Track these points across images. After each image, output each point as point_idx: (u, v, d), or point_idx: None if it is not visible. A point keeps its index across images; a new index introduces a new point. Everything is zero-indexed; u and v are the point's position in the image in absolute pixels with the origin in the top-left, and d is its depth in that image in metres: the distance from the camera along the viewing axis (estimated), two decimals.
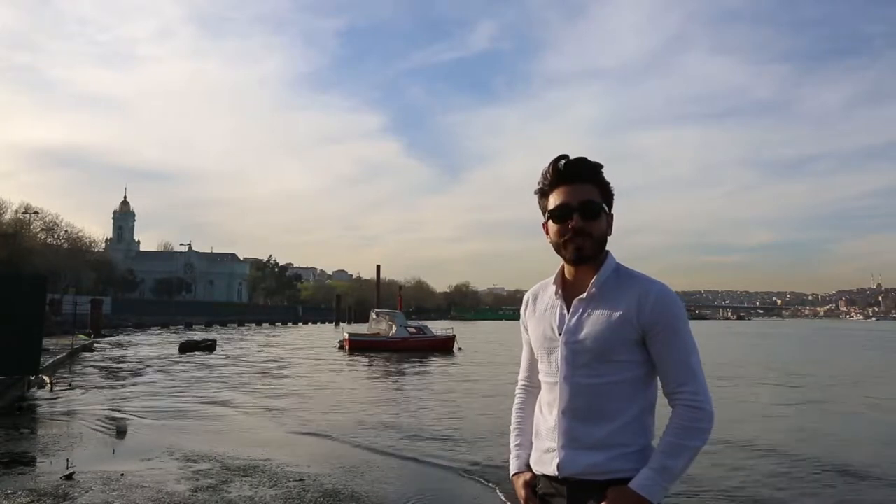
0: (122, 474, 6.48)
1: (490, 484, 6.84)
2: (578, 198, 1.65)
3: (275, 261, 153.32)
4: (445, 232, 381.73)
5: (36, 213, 56.21)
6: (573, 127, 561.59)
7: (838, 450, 9.01)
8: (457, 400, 13.97)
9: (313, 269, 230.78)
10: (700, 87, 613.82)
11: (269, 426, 10.41)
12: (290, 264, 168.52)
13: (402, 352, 30.12)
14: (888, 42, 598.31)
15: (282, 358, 27.19)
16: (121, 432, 9.10)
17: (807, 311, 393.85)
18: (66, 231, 63.99)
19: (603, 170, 1.69)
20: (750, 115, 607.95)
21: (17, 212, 53.29)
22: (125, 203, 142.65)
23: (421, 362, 25.11)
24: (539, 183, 1.72)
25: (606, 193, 1.69)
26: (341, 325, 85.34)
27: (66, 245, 62.77)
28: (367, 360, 26.43)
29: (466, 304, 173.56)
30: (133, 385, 15.73)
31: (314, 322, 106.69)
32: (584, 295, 1.67)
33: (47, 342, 18.43)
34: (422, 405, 13.15)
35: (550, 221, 1.69)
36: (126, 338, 41.56)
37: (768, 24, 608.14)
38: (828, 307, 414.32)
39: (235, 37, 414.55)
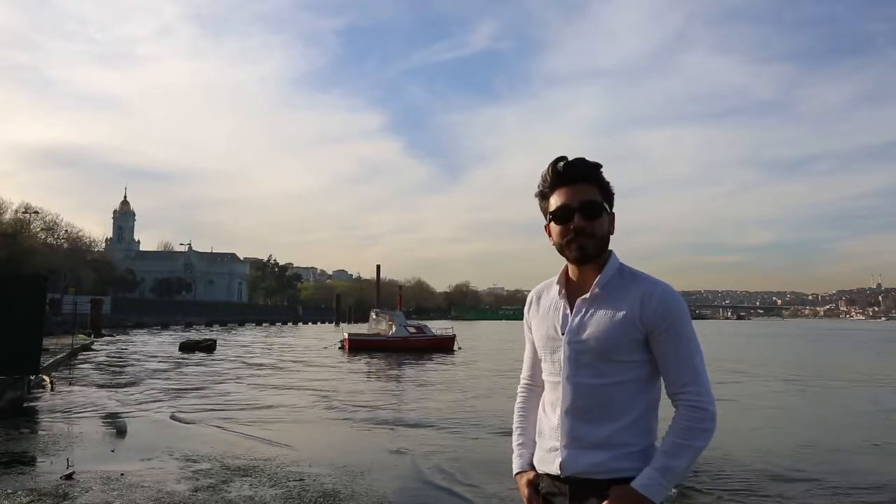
0: (122, 474, 6.48)
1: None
2: (579, 198, 1.65)
3: (275, 261, 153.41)
4: (445, 232, 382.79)
5: (36, 213, 56.21)
6: (573, 127, 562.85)
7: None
8: (457, 399, 13.97)
9: (313, 269, 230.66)
10: (701, 86, 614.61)
11: (268, 426, 10.40)
12: (290, 264, 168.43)
13: (402, 351, 30.12)
14: (890, 41, 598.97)
15: (281, 358, 27.18)
16: (121, 432, 9.09)
17: (807, 311, 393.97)
18: (66, 231, 64.02)
19: (602, 169, 1.69)
20: (750, 115, 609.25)
21: (17, 212, 53.30)
22: (125, 203, 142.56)
23: (421, 362, 25.11)
24: (539, 186, 1.72)
25: (607, 193, 1.70)
26: (341, 324, 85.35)
27: (66, 245, 62.73)
28: (366, 359, 26.43)
29: (466, 304, 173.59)
30: (133, 385, 15.72)
31: (314, 322, 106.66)
32: (587, 295, 1.67)
33: (47, 342, 18.43)
34: (421, 404, 13.16)
35: (552, 223, 1.70)
36: (126, 337, 41.55)
37: (769, 24, 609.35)
38: (828, 307, 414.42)
39: (235, 36, 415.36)
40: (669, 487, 1.55)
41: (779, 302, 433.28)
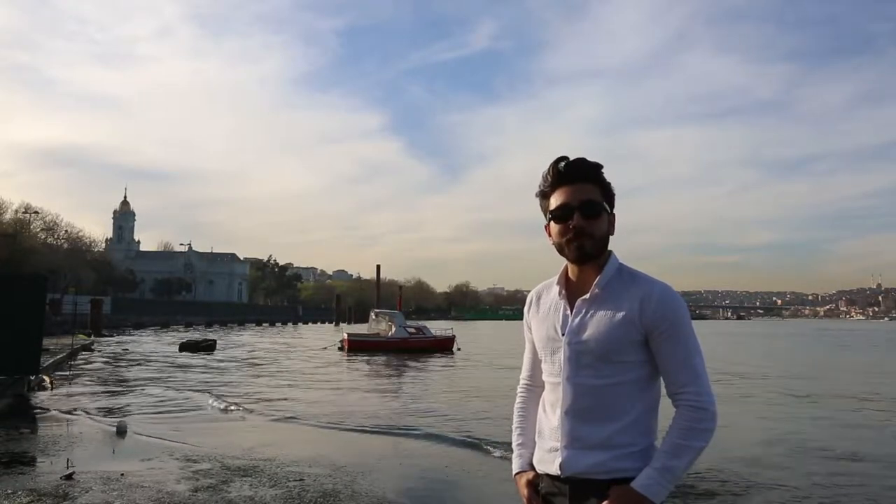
0: (122, 474, 6.48)
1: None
2: (579, 197, 1.65)
3: (275, 261, 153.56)
4: (445, 232, 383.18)
5: (36, 213, 56.22)
6: (574, 127, 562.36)
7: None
8: (456, 400, 13.97)
9: (313, 269, 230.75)
10: (701, 86, 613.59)
11: (269, 426, 10.40)
12: (290, 264, 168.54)
13: (401, 352, 30.08)
14: (891, 41, 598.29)
15: (281, 358, 27.19)
16: (121, 432, 9.08)
17: (807, 311, 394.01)
18: (66, 231, 64.02)
19: (603, 170, 1.70)
20: (751, 115, 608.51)
21: (17, 212, 53.31)
22: (125, 203, 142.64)
23: (420, 362, 25.10)
24: (540, 185, 1.73)
25: (607, 193, 1.70)
26: (341, 325, 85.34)
27: (66, 245, 62.73)
28: (366, 360, 26.42)
29: (466, 304, 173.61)
30: (133, 385, 15.73)
31: (314, 322, 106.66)
32: (587, 295, 1.68)
33: (47, 342, 18.41)
34: (421, 405, 13.15)
35: (552, 222, 1.70)
36: (126, 337, 41.55)
37: (770, 23, 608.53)
38: (828, 307, 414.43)
39: (235, 36, 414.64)
40: (669, 487, 1.55)
41: (779, 302, 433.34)
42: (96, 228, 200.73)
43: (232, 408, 11.87)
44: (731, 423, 10.13)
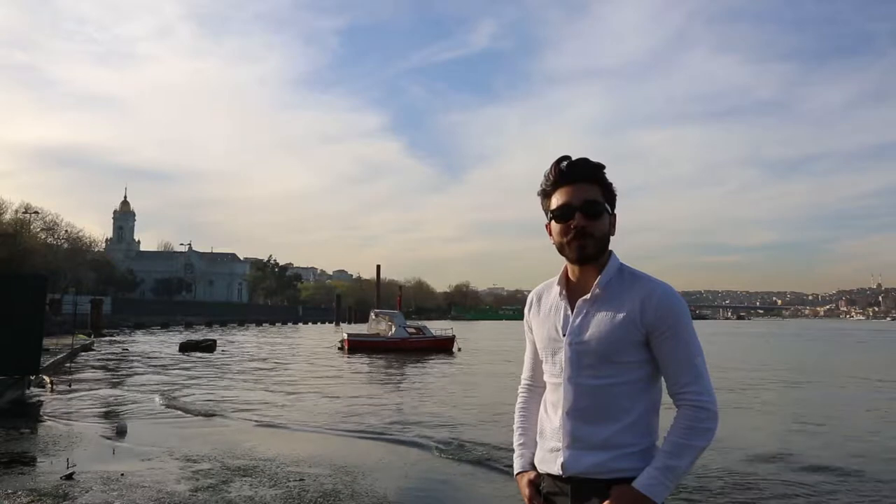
0: (122, 474, 6.48)
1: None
2: (580, 197, 1.65)
3: (275, 261, 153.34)
4: (445, 232, 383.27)
5: (36, 213, 56.19)
6: (574, 126, 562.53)
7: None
8: (455, 401, 13.97)
9: (313, 269, 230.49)
10: (701, 86, 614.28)
11: (268, 426, 10.40)
12: (290, 264, 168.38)
13: (401, 352, 30.09)
14: (891, 41, 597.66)
15: (281, 358, 27.19)
16: (121, 432, 9.09)
17: (807, 311, 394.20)
18: (66, 231, 64.03)
19: (605, 170, 1.70)
20: (751, 115, 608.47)
21: (17, 212, 53.29)
22: (125, 203, 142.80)
23: (420, 363, 25.11)
24: (541, 184, 1.73)
25: (609, 194, 1.70)
26: (341, 325, 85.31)
27: (66, 245, 62.75)
28: (366, 360, 26.43)
29: (466, 304, 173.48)
30: (133, 385, 15.73)
31: (314, 322, 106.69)
32: (588, 296, 1.68)
33: (47, 342, 18.42)
34: (420, 406, 13.15)
35: (553, 222, 1.70)
36: (126, 338, 41.56)
37: (771, 23, 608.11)
38: (828, 307, 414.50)
39: (235, 36, 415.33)
40: (671, 487, 1.55)
41: (779, 302, 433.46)
42: (96, 228, 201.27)
43: (212, 410, 11.80)
44: (732, 424, 10.13)
